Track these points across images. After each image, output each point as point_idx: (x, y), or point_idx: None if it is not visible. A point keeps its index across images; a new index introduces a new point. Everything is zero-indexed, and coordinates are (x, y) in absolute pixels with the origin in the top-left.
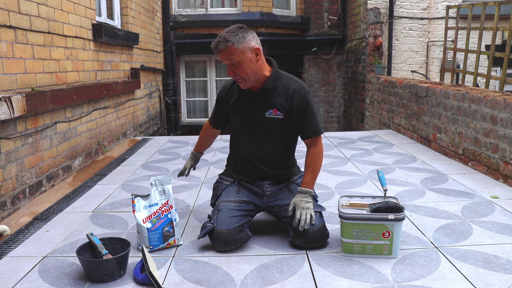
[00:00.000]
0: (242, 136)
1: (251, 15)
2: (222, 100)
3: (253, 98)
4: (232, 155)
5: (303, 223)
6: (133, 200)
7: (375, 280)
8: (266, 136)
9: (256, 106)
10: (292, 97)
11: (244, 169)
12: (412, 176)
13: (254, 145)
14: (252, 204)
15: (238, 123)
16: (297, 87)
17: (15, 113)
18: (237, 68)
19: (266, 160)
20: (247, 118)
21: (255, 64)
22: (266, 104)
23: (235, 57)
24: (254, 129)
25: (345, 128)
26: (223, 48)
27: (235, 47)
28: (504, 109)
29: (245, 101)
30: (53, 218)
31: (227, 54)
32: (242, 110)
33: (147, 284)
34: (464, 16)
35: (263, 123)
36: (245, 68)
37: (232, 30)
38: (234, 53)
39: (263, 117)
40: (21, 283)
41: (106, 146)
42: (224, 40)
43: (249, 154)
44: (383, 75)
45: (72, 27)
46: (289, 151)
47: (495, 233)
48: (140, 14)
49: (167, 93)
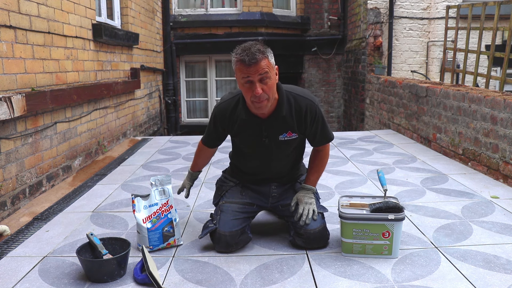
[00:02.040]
0: (251, 158)
1: (251, 15)
2: (222, 127)
3: (263, 125)
4: (238, 166)
5: (304, 218)
6: (133, 200)
7: (375, 280)
8: (279, 155)
9: (269, 132)
10: (305, 117)
11: (252, 179)
12: (412, 176)
13: (265, 163)
14: (256, 205)
15: (247, 149)
16: (308, 104)
17: (15, 113)
18: (266, 85)
19: (276, 172)
20: (258, 144)
21: (275, 83)
22: (279, 128)
23: (269, 71)
24: (267, 153)
25: (345, 128)
26: (260, 59)
27: (269, 61)
28: (504, 109)
29: (254, 129)
30: (53, 218)
31: (262, 67)
32: (252, 138)
33: (147, 284)
34: (464, 16)
35: (276, 147)
36: (272, 86)
37: (259, 44)
38: (268, 66)
39: (277, 141)
40: (21, 283)
41: (106, 146)
42: (259, 52)
43: (259, 170)
44: (383, 75)
45: (72, 27)
46: (300, 158)
47: (495, 233)
48: (140, 14)
49: (167, 93)
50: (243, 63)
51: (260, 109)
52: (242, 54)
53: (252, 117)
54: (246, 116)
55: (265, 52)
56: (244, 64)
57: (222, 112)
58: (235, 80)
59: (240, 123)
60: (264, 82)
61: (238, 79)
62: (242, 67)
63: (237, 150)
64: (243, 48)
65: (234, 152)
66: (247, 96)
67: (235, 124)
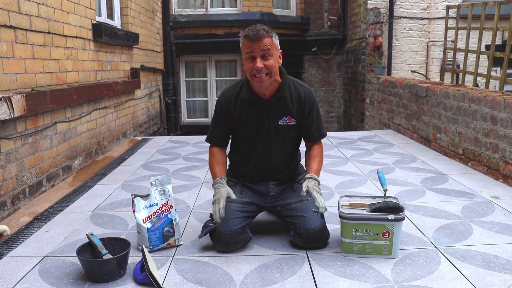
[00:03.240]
0: (251, 144)
1: (251, 15)
2: (227, 111)
3: (265, 106)
4: (236, 160)
5: (321, 205)
6: (133, 200)
7: (375, 280)
8: (277, 142)
9: (270, 114)
10: (304, 103)
11: (250, 173)
12: (412, 176)
13: (263, 151)
14: (255, 205)
15: (248, 133)
16: (307, 93)
17: (15, 113)
18: (267, 60)
19: (274, 164)
20: (259, 127)
21: (277, 65)
22: (280, 112)
23: (271, 49)
24: (266, 137)
25: (345, 128)
26: (264, 36)
27: (273, 40)
28: (504, 109)
29: (256, 110)
30: (53, 218)
31: (265, 43)
32: (253, 120)
33: (147, 284)
34: (464, 16)
35: (275, 131)
36: (274, 63)
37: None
38: (271, 44)
39: (277, 125)
40: (21, 283)
41: (106, 146)
42: (264, 30)
43: (257, 160)
44: (383, 75)
45: (72, 27)
46: (296, 152)
47: (495, 233)
48: (140, 14)
49: (167, 93)
50: (247, 38)
51: (260, 83)
52: (249, 30)
53: (254, 96)
54: (248, 95)
55: (269, 31)
56: (248, 39)
57: (226, 98)
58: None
59: (242, 104)
60: (266, 58)
61: (243, 56)
62: (246, 42)
63: (237, 143)
64: (251, 27)
65: (233, 147)
66: (249, 70)
67: (238, 108)
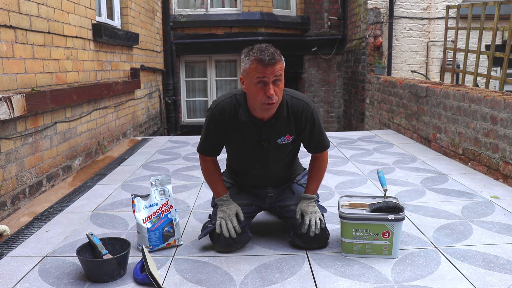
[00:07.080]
0: (248, 160)
1: (251, 15)
2: (221, 124)
3: (263, 128)
4: (233, 167)
5: (313, 228)
6: (133, 200)
7: (375, 280)
8: (275, 158)
9: (269, 136)
10: (301, 118)
11: (248, 182)
12: (412, 176)
13: (261, 166)
14: (254, 205)
15: (244, 152)
16: (304, 106)
17: (15, 113)
18: (278, 86)
19: (272, 174)
20: (256, 148)
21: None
22: (279, 131)
23: (282, 75)
24: (263, 155)
25: (345, 128)
26: (278, 61)
27: (283, 65)
28: (504, 109)
29: (254, 131)
30: (53, 218)
31: (278, 69)
32: (251, 140)
33: (147, 284)
34: (464, 16)
35: (274, 150)
36: (282, 90)
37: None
38: (282, 70)
39: (275, 144)
40: (21, 283)
41: (106, 146)
42: (277, 54)
43: (254, 173)
44: (383, 75)
45: (72, 27)
46: (295, 159)
47: (495, 233)
48: (140, 14)
49: (167, 93)
50: (261, 63)
51: (268, 111)
52: (261, 53)
53: (253, 119)
54: (247, 118)
55: (280, 55)
56: (262, 64)
57: (221, 110)
58: (235, 80)
59: (239, 123)
60: (276, 84)
61: (250, 79)
62: (258, 67)
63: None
64: (260, 48)
65: (229, 155)
66: (258, 96)
67: (233, 126)
